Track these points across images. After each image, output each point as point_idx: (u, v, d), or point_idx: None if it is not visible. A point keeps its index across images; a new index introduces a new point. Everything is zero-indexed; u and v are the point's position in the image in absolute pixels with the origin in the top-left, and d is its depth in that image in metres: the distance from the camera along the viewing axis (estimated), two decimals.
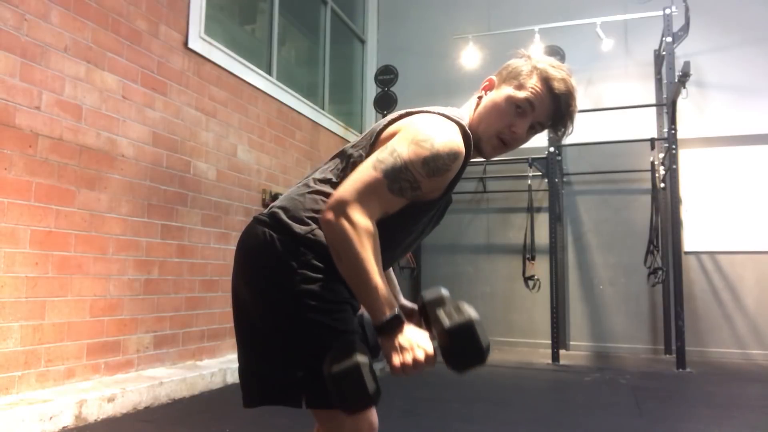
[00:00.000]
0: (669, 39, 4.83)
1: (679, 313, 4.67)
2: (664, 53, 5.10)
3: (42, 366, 2.85)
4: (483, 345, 1.06)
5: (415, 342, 1.09)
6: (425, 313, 1.29)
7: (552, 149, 5.37)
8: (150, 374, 3.40)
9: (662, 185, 5.37)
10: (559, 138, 1.31)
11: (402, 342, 1.09)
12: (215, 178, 4.19)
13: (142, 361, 3.47)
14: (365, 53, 7.03)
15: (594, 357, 5.49)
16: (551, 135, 1.79)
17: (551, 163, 5.44)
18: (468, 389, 3.73)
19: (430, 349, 1.09)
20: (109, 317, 3.25)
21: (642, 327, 5.70)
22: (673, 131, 4.84)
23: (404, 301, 1.45)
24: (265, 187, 4.76)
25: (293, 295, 1.16)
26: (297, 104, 5.32)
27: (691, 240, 5.59)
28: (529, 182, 5.82)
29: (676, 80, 4.66)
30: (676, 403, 3.53)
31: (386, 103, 6.12)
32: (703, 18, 5.29)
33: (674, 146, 4.81)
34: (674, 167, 4.82)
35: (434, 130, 1.17)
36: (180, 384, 3.37)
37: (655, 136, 5.56)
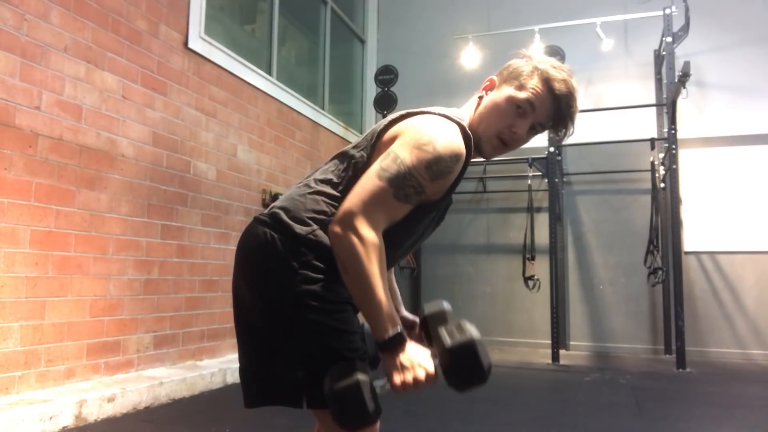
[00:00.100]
0: (669, 39, 4.83)
1: (679, 313, 4.67)
2: (664, 53, 5.10)
3: (42, 366, 2.85)
4: (484, 365, 1.06)
5: (416, 361, 1.09)
6: (426, 327, 1.29)
7: (552, 149, 5.37)
8: (150, 374, 3.40)
9: (662, 185, 5.37)
10: (560, 139, 1.31)
11: (403, 360, 1.09)
12: (215, 178, 4.19)
13: (142, 361, 3.47)
14: (365, 53, 7.03)
15: (594, 357, 5.49)
16: (552, 135, 1.79)
17: (551, 163, 5.44)
18: None
19: (431, 369, 1.09)
20: (109, 317, 3.25)
21: (642, 327, 5.71)
22: (673, 131, 4.84)
23: (405, 313, 1.45)
24: (265, 187, 4.76)
25: (294, 296, 1.16)
26: (297, 104, 5.32)
27: (691, 240, 5.60)
28: (529, 182, 5.83)
29: (676, 80, 4.66)
30: (676, 403, 3.53)
31: (386, 103, 6.12)
32: (703, 18, 5.29)
33: (674, 146, 4.81)
34: (674, 167, 4.82)
35: (435, 133, 1.17)
36: (180, 384, 3.37)
37: (655, 136, 5.56)
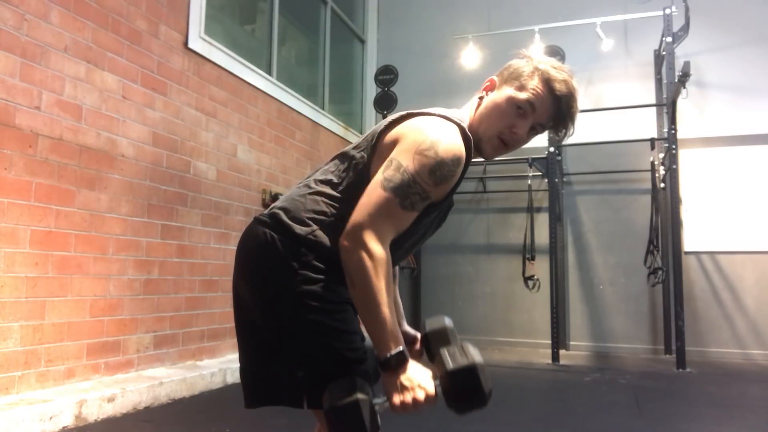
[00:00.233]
0: (669, 39, 4.83)
1: (679, 313, 4.67)
2: (664, 53, 5.10)
3: (42, 366, 2.85)
4: (485, 390, 1.06)
5: (417, 381, 1.09)
6: (427, 344, 1.29)
7: (552, 149, 5.37)
8: (150, 374, 3.40)
9: (662, 185, 5.37)
10: (560, 139, 1.31)
11: (404, 381, 1.10)
12: (215, 178, 4.19)
13: (142, 361, 3.47)
14: (365, 53, 7.03)
15: (594, 357, 5.49)
16: (552, 135, 1.79)
17: (551, 163, 5.44)
18: None
19: (431, 390, 1.09)
20: (109, 317, 3.25)
21: (642, 327, 5.71)
22: (673, 131, 4.84)
23: (407, 328, 1.45)
24: (265, 187, 4.76)
25: (294, 296, 1.16)
26: (297, 104, 5.32)
27: (691, 240, 5.60)
28: (529, 182, 5.83)
29: (676, 80, 4.65)
30: (676, 403, 3.53)
31: (386, 103, 6.12)
32: (703, 18, 5.29)
33: (674, 146, 4.81)
34: (674, 167, 4.82)
35: (436, 136, 1.16)
36: (180, 384, 3.37)
37: (655, 136, 5.56)
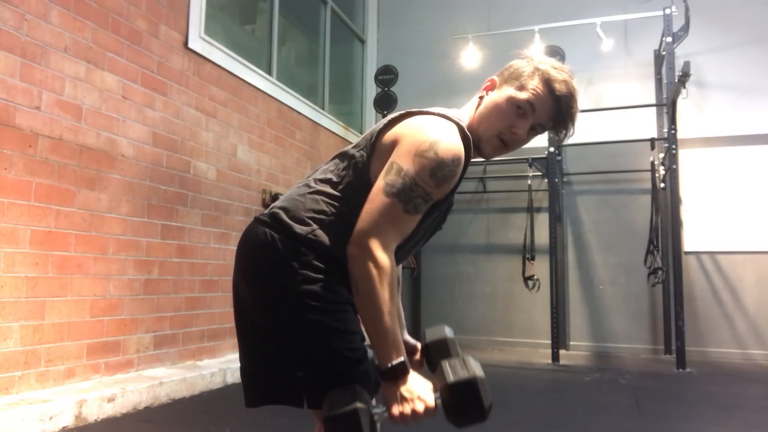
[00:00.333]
0: (669, 39, 4.83)
1: (679, 313, 4.67)
2: (664, 53, 5.10)
3: (42, 366, 2.85)
4: (485, 404, 1.06)
5: (417, 393, 1.10)
6: (428, 353, 1.29)
7: (552, 149, 5.37)
8: (150, 374, 3.39)
9: (662, 185, 5.37)
10: (560, 139, 1.31)
11: (403, 392, 1.10)
12: (215, 178, 4.19)
13: (142, 361, 3.47)
14: (365, 53, 7.03)
15: (594, 357, 5.49)
16: (552, 136, 1.79)
17: (551, 163, 5.44)
18: None
19: (431, 402, 1.10)
20: (109, 317, 3.25)
21: (642, 327, 5.71)
22: (673, 131, 4.84)
23: (408, 338, 1.45)
24: (265, 187, 4.76)
25: (294, 296, 1.16)
26: (297, 104, 5.32)
27: (691, 240, 5.60)
28: (529, 182, 5.83)
29: (676, 80, 4.66)
30: (676, 403, 3.53)
31: (386, 103, 6.12)
32: (703, 18, 5.29)
33: (674, 146, 4.81)
34: (674, 167, 4.82)
35: (435, 136, 1.17)
36: (180, 384, 3.37)
37: (655, 136, 5.56)
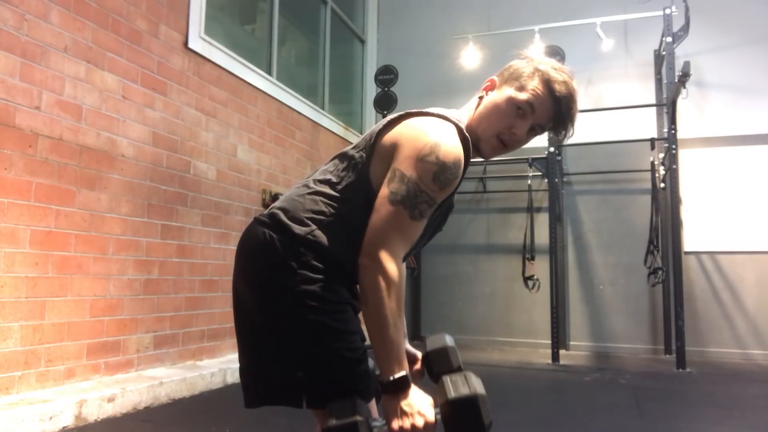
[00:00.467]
0: (669, 39, 4.83)
1: (679, 313, 4.67)
2: (664, 53, 5.10)
3: (42, 366, 2.85)
4: (485, 422, 1.06)
5: (417, 408, 1.09)
6: (428, 363, 1.29)
7: (552, 149, 5.37)
8: (150, 374, 3.40)
9: (662, 185, 5.37)
10: (560, 140, 1.30)
11: (404, 406, 1.10)
12: (215, 178, 4.19)
13: (142, 361, 3.47)
14: (365, 53, 7.03)
15: (594, 357, 5.49)
16: (552, 136, 1.79)
17: (551, 163, 5.44)
18: None
19: (431, 418, 1.09)
20: (109, 317, 3.25)
21: (642, 327, 5.71)
22: (673, 131, 4.84)
23: (408, 347, 1.44)
24: (265, 187, 4.76)
25: (293, 296, 1.16)
26: (297, 104, 5.32)
27: (691, 240, 5.60)
28: (529, 182, 5.83)
29: (676, 80, 4.66)
30: (676, 403, 3.53)
31: (386, 103, 6.12)
32: (703, 18, 5.29)
33: (674, 146, 4.81)
34: (674, 167, 4.82)
35: (435, 138, 1.16)
36: (180, 384, 3.37)
37: (655, 136, 5.56)
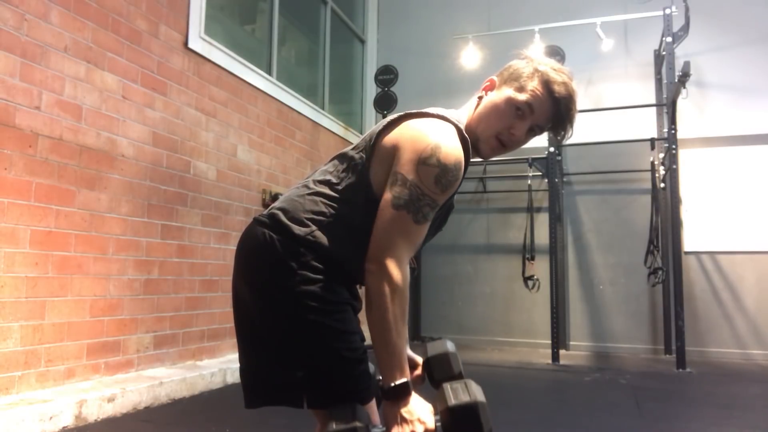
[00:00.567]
0: (669, 39, 4.83)
1: (679, 313, 4.67)
2: (664, 53, 5.10)
3: (42, 366, 2.85)
4: (484, 429, 1.06)
5: (417, 415, 1.09)
6: (429, 368, 1.29)
7: (552, 149, 5.37)
8: (150, 374, 3.40)
9: (662, 185, 5.37)
10: (559, 140, 1.30)
11: (404, 413, 1.10)
12: (215, 178, 4.19)
13: (142, 361, 3.47)
14: (365, 53, 7.03)
15: (594, 357, 5.49)
16: (551, 136, 1.79)
17: (551, 163, 5.44)
18: None
19: (431, 425, 1.09)
20: (109, 317, 3.26)
21: (642, 327, 5.71)
22: (673, 131, 4.84)
23: (410, 352, 1.44)
24: (265, 187, 4.77)
25: (293, 296, 1.16)
26: (297, 104, 5.32)
27: (691, 240, 5.60)
28: (529, 182, 5.83)
29: (676, 80, 4.66)
30: (676, 403, 3.53)
31: (386, 103, 6.12)
32: (703, 18, 5.29)
33: (674, 146, 4.81)
34: (674, 167, 4.82)
35: (435, 140, 1.17)
36: (180, 384, 3.37)
37: (655, 136, 5.56)
